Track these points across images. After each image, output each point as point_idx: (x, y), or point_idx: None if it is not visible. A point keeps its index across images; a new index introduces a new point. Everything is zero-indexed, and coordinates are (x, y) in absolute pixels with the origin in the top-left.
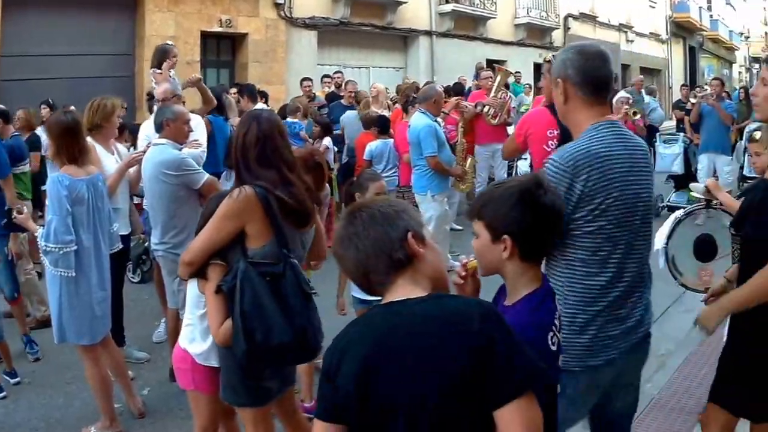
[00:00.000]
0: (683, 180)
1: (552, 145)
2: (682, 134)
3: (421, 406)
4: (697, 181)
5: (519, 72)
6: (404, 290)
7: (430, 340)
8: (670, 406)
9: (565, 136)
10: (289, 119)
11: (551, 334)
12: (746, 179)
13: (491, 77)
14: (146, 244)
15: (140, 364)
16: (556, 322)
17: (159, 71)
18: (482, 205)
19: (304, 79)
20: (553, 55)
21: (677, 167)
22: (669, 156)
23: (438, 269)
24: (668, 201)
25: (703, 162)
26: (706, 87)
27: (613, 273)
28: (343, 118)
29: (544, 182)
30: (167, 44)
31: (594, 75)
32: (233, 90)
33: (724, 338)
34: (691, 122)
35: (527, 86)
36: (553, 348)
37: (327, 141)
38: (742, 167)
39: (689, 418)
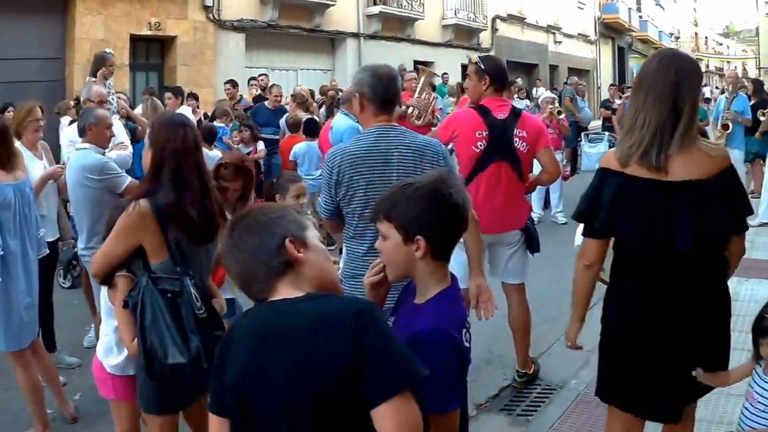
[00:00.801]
0: None
1: (480, 146)
2: (607, 133)
3: (299, 406)
4: None
5: (446, 73)
6: (284, 293)
7: (307, 340)
8: (596, 401)
9: (493, 138)
10: (216, 123)
11: (464, 330)
12: None
13: (415, 78)
14: (76, 249)
15: (71, 369)
16: (468, 319)
17: (94, 79)
18: (392, 207)
19: (227, 81)
20: (479, 56)
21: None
22: (594, 155)
23: (324, 270)
24: None
25: None
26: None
27: (369, 244)
28: (283, 122)
29: (450, 181)
30: (105, 52)
31: (383, 94)
32: (168, 94)
33: None
34: (617, 122)
35: (453, 87)
36: (467, 344)
37: (261, 146)
38: None
39: None
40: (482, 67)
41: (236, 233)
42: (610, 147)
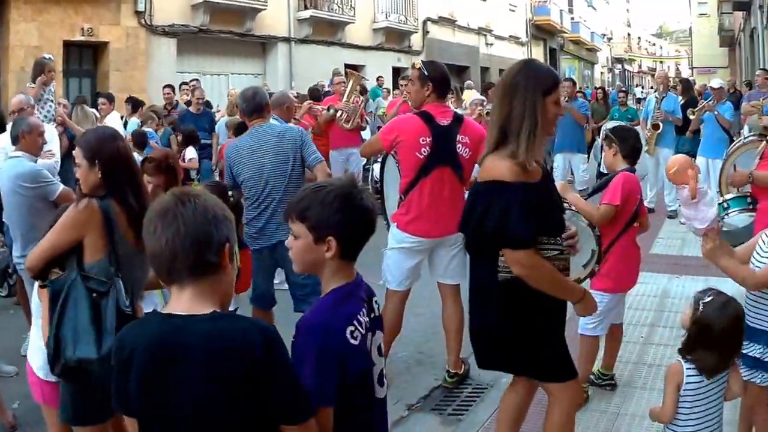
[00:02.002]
0: None
1: (424, 152)
2: None
3: (196, 424)
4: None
5: (381, 76)
6: (190, 303)
7: (206, 363)
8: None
9: (437, 144)
10: (144, 128)
11: (352, 328)
12: (603, 176)
13: (344, 82)
14: (9, 257)
15: (9, 377)
16: (361, 318)
17: (33, 85)
18: (305, 208)
19: (166, 86)
20: (423, 62)
21: None
22: None
23: (230, 289)
24: None
25: (558, 161)
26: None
27: (254, 205)
28: (219, 126)
29: (360, 185)
30: (44, 58)
31: (246, 107)
32: (102, 100)
33: (579, 330)
34: None
35: (385, 90)
36: (354, 342)
37: (191, 152)
38: (600, 164)
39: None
40: (426, 73)
41: (190, 205)
42: None
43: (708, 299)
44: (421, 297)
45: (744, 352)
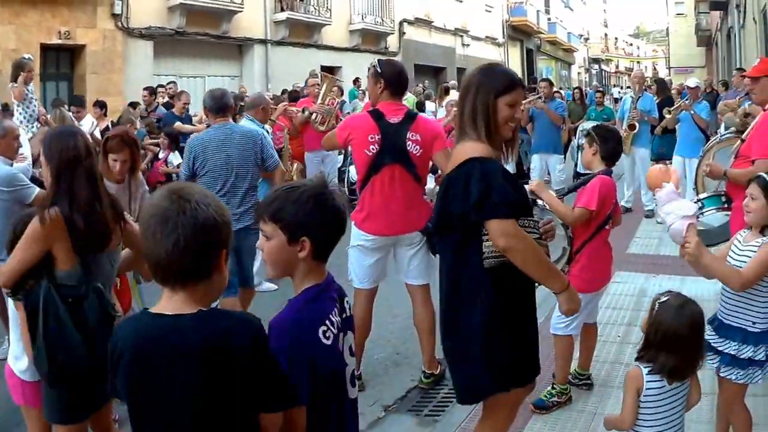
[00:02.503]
0: None
1: (373, 149)
2: None
3: (187, 419)
4: (529, 180)
5: (359, 78)
6: (182, 305)
7: (196, 360)
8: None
9: (385, 141)
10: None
11: (324, 327)
12: (580, 176)
13: (317, 84)
14: None
15: None
16: (333, 318)
17: (15, 85)
18: (279, 209)
19: (145, 88)
20: (379, 60)
21: (509, 167)
22: None
23: (222, 287)
24: None
25: (535, 162)
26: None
27: (221, 196)
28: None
29: (329, 185)
30: (23, 58)
31: (212, 106)
32: (75, 108)
33: (552, 330)
34: (522, 125)
35: (361, 92)
36: (326, 342)
37: (176, 157)
38: (576, 164)
39: (524, 412)
40: (378, 70)
41: (189, 213)
42: None
43: (663, 300)
44: (397, 298)
45: (720, 349)
